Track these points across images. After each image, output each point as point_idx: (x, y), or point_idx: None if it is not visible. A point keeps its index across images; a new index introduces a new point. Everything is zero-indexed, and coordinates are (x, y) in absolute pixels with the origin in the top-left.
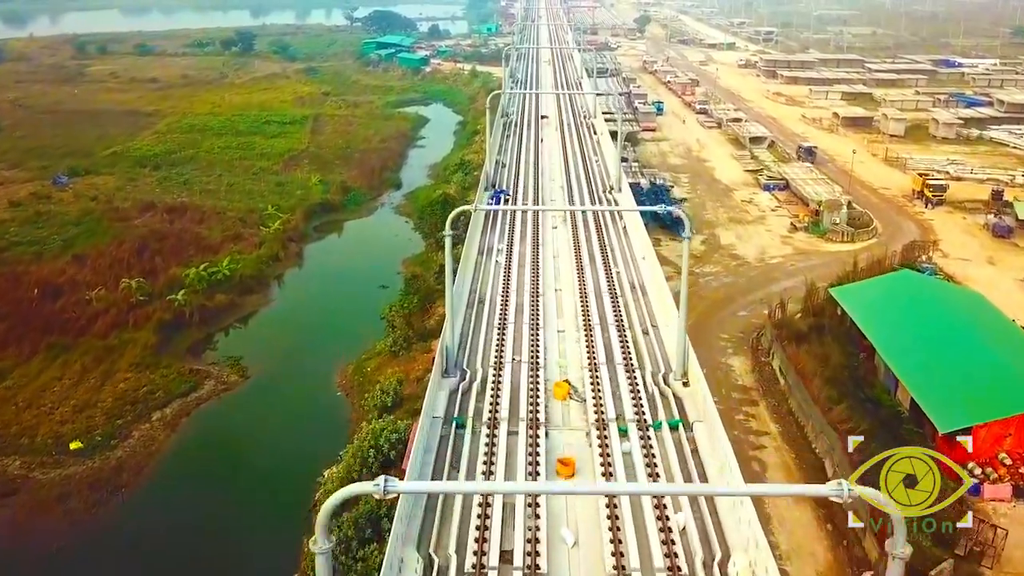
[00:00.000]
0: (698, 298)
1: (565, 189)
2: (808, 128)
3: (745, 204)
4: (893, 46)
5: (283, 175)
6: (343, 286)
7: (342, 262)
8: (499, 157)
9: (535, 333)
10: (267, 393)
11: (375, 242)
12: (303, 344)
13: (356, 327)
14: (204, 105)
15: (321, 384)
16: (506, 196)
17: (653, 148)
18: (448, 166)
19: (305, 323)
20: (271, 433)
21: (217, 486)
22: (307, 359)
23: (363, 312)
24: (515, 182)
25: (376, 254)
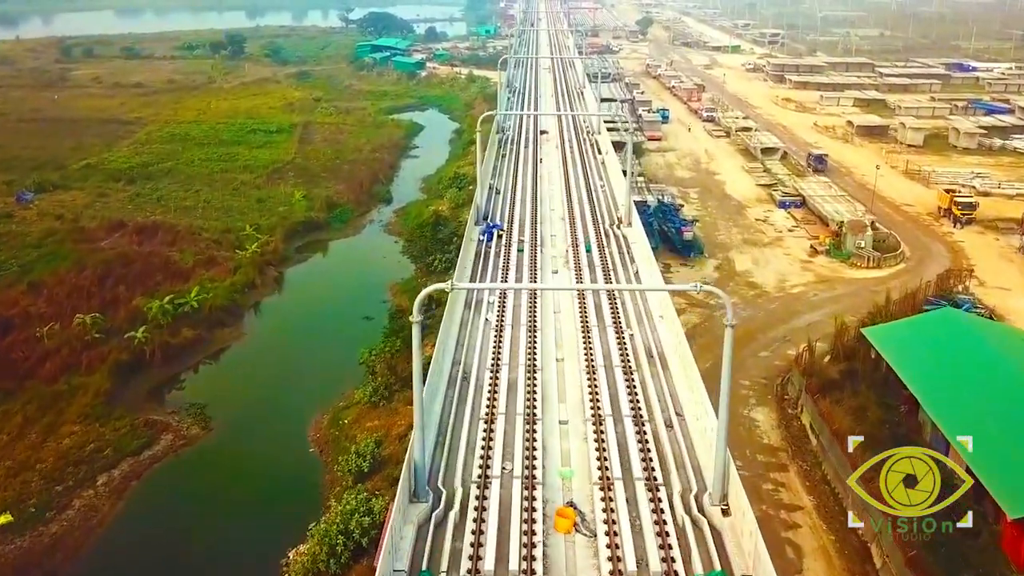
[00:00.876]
0: (713, 337)
1: (567, 221)
2: (821, 137)
3: (760, 223)
4: (903, 49)
5: (266, 189)
6: (324, 317)
7: (324, 288)
8: (493, 181)
9: (531, 427)
10: (231, 449)
11: (361, 265)
12: (276, 387)
13: (336, 366)
14: (189, 112)
15: (293, 437)
16: (499, 231)
17: (659, 159)
18: (442, 179)
19: (280, 361)
20: (232, 501)
21: (164, 571)
22: (279, 405)
23: (344, 348)
24: (510, 212)
25: (362, 279)
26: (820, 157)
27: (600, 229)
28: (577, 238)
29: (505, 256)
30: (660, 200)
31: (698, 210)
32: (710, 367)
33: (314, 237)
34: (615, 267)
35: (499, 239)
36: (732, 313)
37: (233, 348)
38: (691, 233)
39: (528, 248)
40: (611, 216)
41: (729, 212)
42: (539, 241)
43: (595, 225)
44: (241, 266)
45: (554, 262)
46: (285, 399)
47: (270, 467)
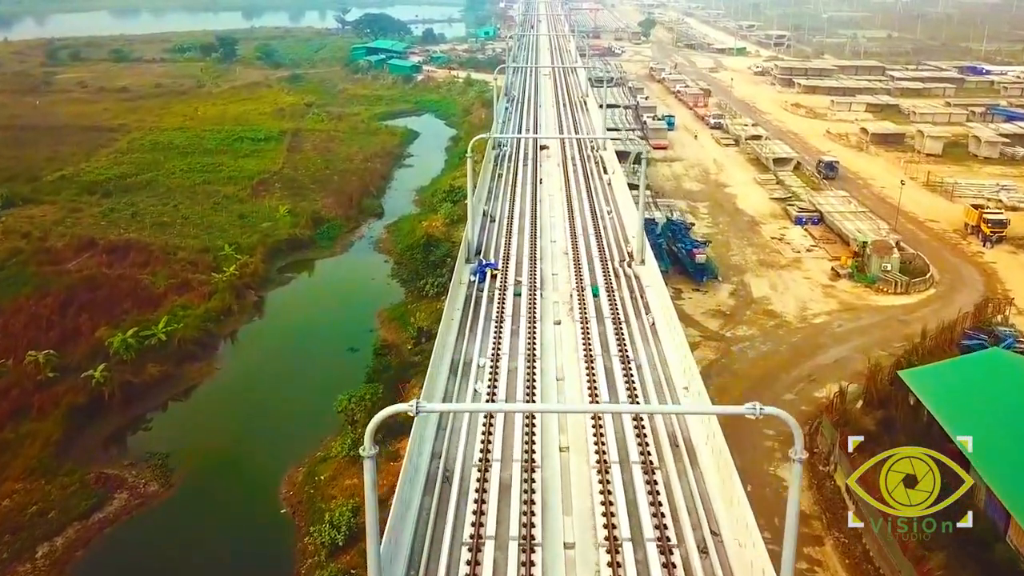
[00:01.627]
0: (732, 375)
1: (570, 256)
2: (834, 146)
3: (776, 242)
4: (912, 51)
5: (249, 203)
6: (306, 348)
7: (307, 314)
8: (487, 207)
9: (528, 562)
10: (194, 509)
11: (348, 288)
12: (248, 432)
13: (316, 407)
14: (175, 118)
15: (264, 494)
16: (493, 270)
17: (665, 170)
18: (436, 191)
19: (254, 401)
20: None
21: None
22: (251, 454)
23: (326, 385)
24: (506, 246)
25: (348, 303)
26: (831, 164)
27: (609, 267)
28: (583, 278)
29: (500, 302)
30: (669, 218)
31: (709, 227)
32: (726, 416)
33: (298, 256)
34: (627, 318)
35: (493, 279)
36: (799, 438)
37: (204, 386)
38: (704, 256)
39: (526, 291)
40: (621, 251)
41: (742, 229)
42: (539, 281)
43: (603, 262)
44: (217, 291)
45: (556, 309)
46: (258, 447)
47: (237, 531)
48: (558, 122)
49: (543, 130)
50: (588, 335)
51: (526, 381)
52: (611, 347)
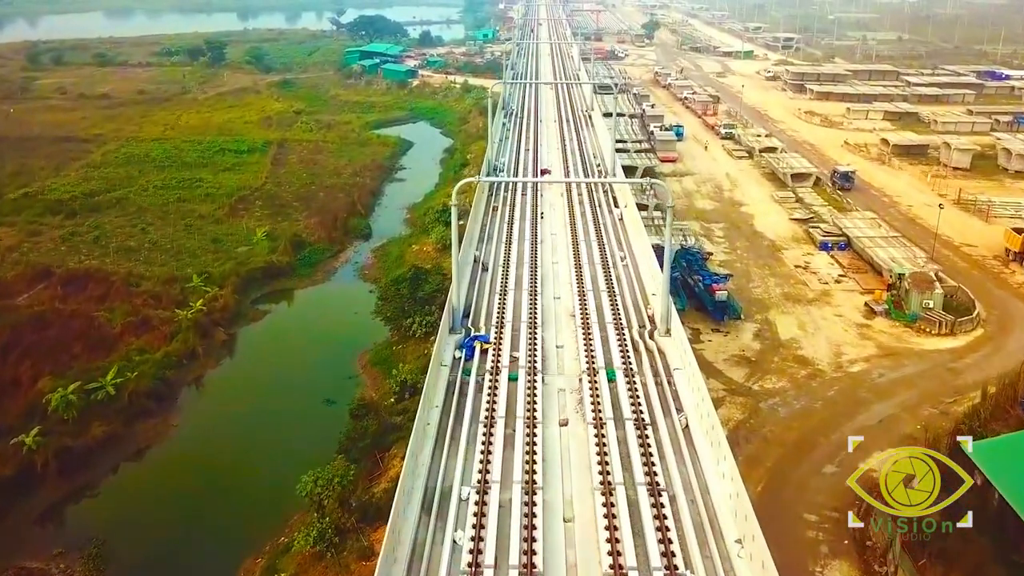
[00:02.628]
0: (762, 440)
1: (578, 320)
2: (854, 158)
3: (800, 271)
4: (926, 55)
5: (226, 224)
6: (277, 399)
7: (281, 357)
8: (479, 252)
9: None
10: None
11: (328, 324)
12: (203, 508)
13: (283, 476)
14: (155, 127)
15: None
16: (484, 344)
17: (675, 186)
18: (429, 210)
19: (213, 468)
20: None
21: None
22: (204, 538)
23: (295, 450)
24: (500, 306)
25: (327, 343)
26: (846, 174)
27: (626, 336)
28: (594, 353)
29: (491, 391)
30: (683, 245)
31: (726, 252)
32: (762, 492)
33: (276, 286)
34: (653, 418)
35: (483, 354)
36: None
37: (156, 449)
38: (725, 292)
39: (524, 375)
40: (639, 312)
41: (762, 255)
42: (540, 358)
43: (618, 329)
44: (181, 330)
45: (561, 401)
46: (212, 529)
47: None
48: (561, 141)
49: (544, 150)
50: (604, 446)
51: (523, 525)
52: (634, 465)
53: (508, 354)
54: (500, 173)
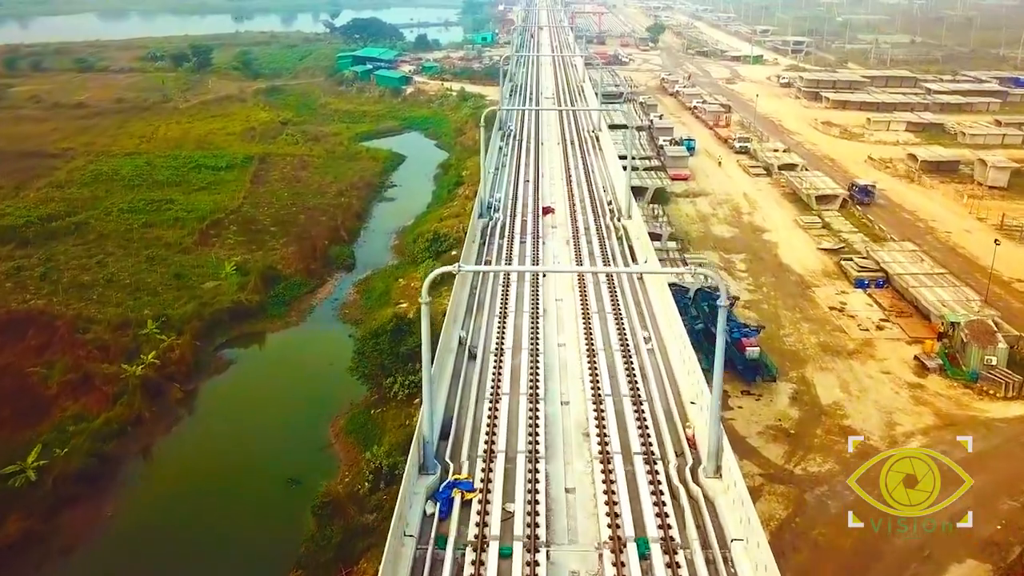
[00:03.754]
0: (813, 548)
1: (594, 441)
2: (880, 175)
3: (836, 315)
4: (942, 59)
5: (194, 254)
6: (233, 476)
7: (244, 418)
8: (464, 333)
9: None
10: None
11: (300, 377)
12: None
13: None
14: (131, 140)
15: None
16: (466, 492)
17: (688, 209)
18: (419, 237)
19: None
20: None
21: None
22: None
23: (248, 552)
24: (488, 427)
25: (298, 401)
26: (866, 188)
27: (661, 476)
28: (618, 512)
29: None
30: (705, 287)
31: (750, 290)
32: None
33: (244, 329)
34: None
35: (465, 506)
36: None
37: (81, 550)
38: (757, 349)
39: (522, 551)
40: (675, 434)
41: (791, 293)
42: (543, 512)
43: (648, 462)
44: (127, 391)
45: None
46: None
47: None
48: (565, 168)
49: (546, 181)
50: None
51: None
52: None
53: (499, 505)
54: (495, 214)
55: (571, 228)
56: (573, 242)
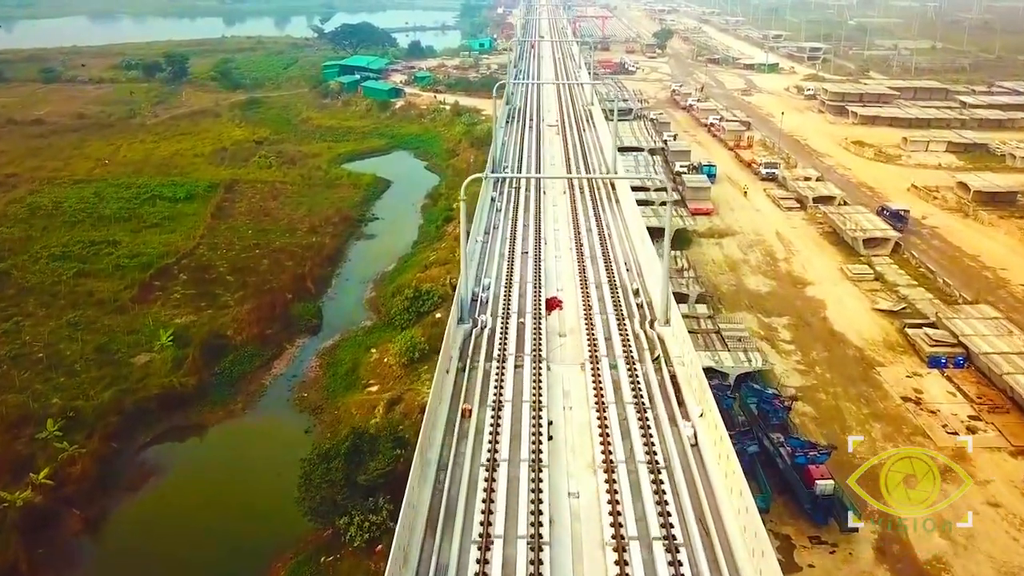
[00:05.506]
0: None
1: None
2: (927, 207)
3: (912, 408)
4: (970, 67)
5: (129, 314)
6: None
7: (158, 557)
8: (443, 479)
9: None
10: None
11: (238, 496)
12: None
13: None
14: (85, 163)
15: None
16: None
17: (714, 252)
18: (398, 290)
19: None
20: None
21: None
22: None
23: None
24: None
25: (231, 535)
26: (898, 213)
27: None
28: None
29: None
30: (754, 384)
31: (800, 370)
32: None
33: (176, 421)
34: None
35: None
36: None
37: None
38: (831, 482)
39: None
40: None
41: (851, 376)
42: None
43: None
44: (2, 529)
45: None
46: None
47: None
48: (574, 234)
49: (550, 249)
50: None
51: None
52: None
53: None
54: (482, 315)
55: (585, 337)
56: (591, 367)
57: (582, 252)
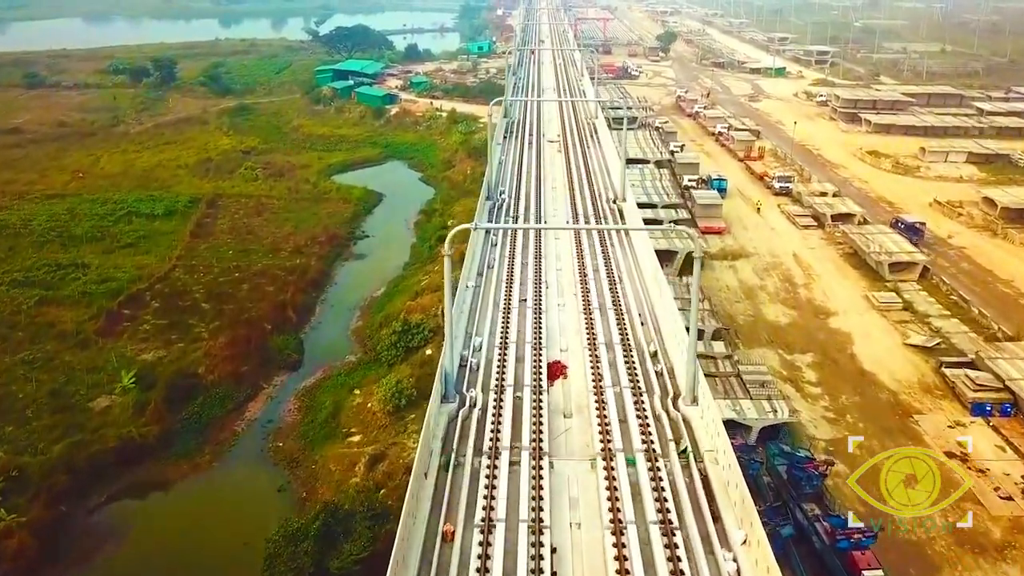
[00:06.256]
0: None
1: None
2: (954, 225)
3: (958, 465)
4: (983, 72)
5: (93, 348)
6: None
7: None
8: None
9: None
10: None
11: (207, 565)
12: None
13: None
14: (61, 176)
15: None
16: None
17: (727, 277)
18: (385, 320)
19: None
20: None
21: None
22: None
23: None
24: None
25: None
26: (914, 226)
27: None
28: None
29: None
30: (782, 443)
31: (830, 419)
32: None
33: (136, 477)
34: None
35: None
36: None
37: None
38: (880, 572)
39: None
40: None
41: (886, 426)
42: None
43: None
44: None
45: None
46: None
47: None
48: (580, 279)
49: (552, 296)
50: None
51: None
52: None
53: None
54: (474, 386)
55: (595, 420)
56: (603, 464)
57: (588, 299)
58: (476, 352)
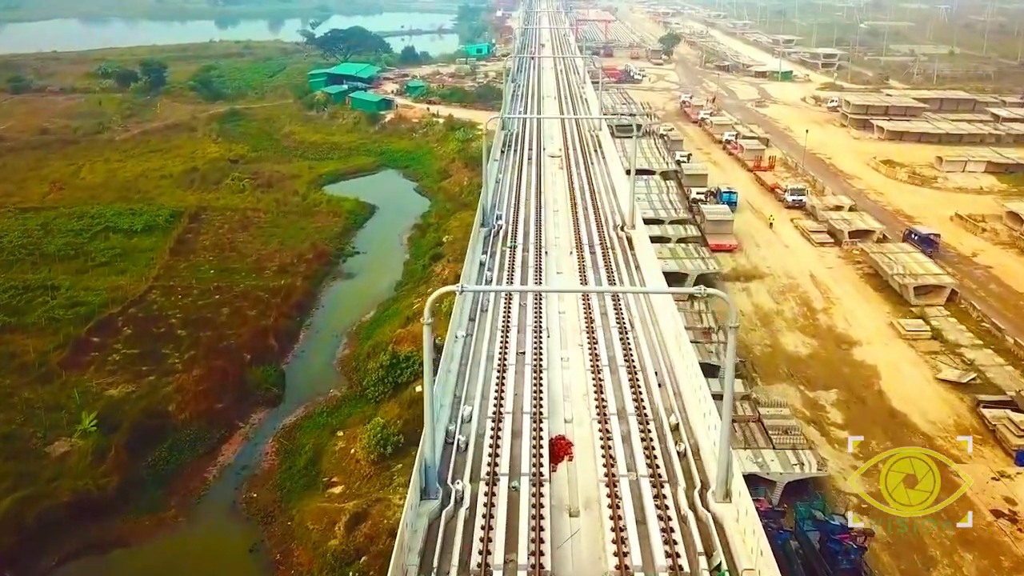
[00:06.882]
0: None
1: None
2: (976, 241)
3: (1006, 526)
4: (995, 75)
5: (56, 382)
6: None
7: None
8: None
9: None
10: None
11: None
12: None
13: None
14: (41, 185)
15: None
16: None
17: (742, 300)
18: (373, 350)
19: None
20: None
21: None
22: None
23: None
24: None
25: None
26: (928, 238)
27: None
28: None
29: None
30: (817, 511)
31: (859, 463)
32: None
33: (91, 537)
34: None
35: None
36: None
37: None
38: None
39: None
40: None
41: None
42: None
43: None
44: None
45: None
46: None
47: None
48: (586, 327)
49: (554, 352)
50: None
51: None
52: None
53: None
54: (461, 474)
55: (608, 524)
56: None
57: (596, 351)
58: (465, 424)
